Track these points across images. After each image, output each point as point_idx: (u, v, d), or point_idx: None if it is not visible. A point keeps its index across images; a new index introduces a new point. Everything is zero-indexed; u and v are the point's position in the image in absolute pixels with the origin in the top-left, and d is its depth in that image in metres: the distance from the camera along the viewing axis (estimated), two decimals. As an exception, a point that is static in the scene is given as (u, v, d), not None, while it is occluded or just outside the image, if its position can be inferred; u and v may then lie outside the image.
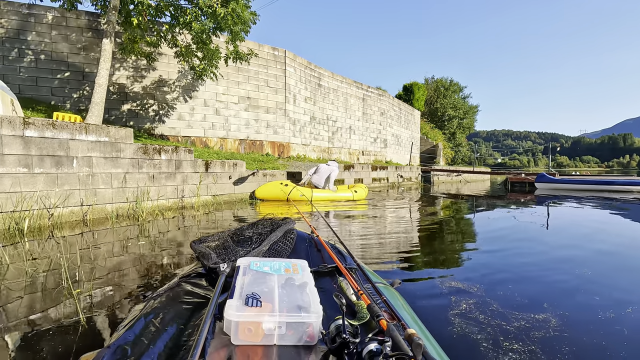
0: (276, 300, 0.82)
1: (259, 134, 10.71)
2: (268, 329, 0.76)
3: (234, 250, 1.30)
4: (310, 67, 12.47)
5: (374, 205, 6.78)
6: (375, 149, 16.35)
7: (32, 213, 3.93)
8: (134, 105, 8.85)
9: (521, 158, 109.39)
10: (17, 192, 3.90)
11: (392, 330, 0.72)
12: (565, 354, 1.36)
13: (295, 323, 0.77)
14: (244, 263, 1.03)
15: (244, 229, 1.55)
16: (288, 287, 0.90)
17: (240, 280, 0.91)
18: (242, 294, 0.83)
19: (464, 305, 1.81)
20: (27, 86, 7.93)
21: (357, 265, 1.26)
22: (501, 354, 1.35)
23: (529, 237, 3.89)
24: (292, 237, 1.46)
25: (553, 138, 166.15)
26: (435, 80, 30.65)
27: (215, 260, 1.20)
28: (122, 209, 4.88)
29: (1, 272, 2.36)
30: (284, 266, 1.03)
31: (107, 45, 5.88)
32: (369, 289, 1.05)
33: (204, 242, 1.41)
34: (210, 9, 6.05)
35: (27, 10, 7.91)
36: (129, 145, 5.01)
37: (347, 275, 1.10)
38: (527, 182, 13.21)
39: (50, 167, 4.18)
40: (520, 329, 1.54)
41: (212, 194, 6.29)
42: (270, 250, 1.36)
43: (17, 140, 3.92)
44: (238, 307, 0.78)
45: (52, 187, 4.20)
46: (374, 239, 3.62)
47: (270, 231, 1.46)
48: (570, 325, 1.60)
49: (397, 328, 0.76)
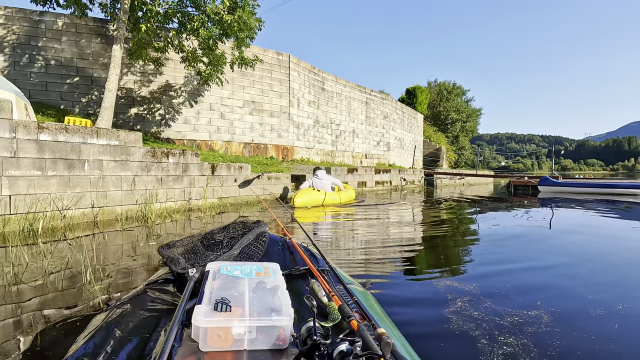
0: (246, 304, 0.80)
1: (263, 138, 10.84)
2: (238, 334, 0.74)
3: (203, 254, 1.27)
4: (314, 72, 12.61)
5: (366, 208, 6.87)
6: (378, 152, 16.44)
7: (45, 215, 4.07)
8: (141, 109, 9.01)
9: (525, 161, 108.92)
10: (32, 194, 4.04)
11: (363, 330, 0.72)
12: (557, 347, 1.45)
13: (266, 327, 0.76)
14: (214, 267, 1.01)
15: (215, 233, 1.51)
16: (259, 290, 0.88)
17: (210, 285, 0.89)
18: (211, 299, 0.81)
19: (460, 303, 1.90)
20: (37, 91, 8.11)
21: (329, 267, 1.27)
22: (496, 347, 1.44)
23: (529, 239, 3.96)
24: (264, 240, 1.43)
25: (557, 141, 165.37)
26: (438, 83, 30.74)
27: (184, 265, 1.16)
28: (131, 211, 5.01)
29: (22, 270, 2.48)
30: (255, 270, 1.01)
31: (117, 51, 6.04)
32: (341, 291, 1.06)
33: (173, 247, 1.37)
34: (217, 16, 6.20)
35: (38, 17, 8.11)
36: (138, 148, 5.14)
37: (319, 277, 1.09)
38: (530, 185, 13.24)
39: (62, 170, 4.32)
40: (514, 325, 1.64)
41: (218, 197, 6.42)
42: (242, 254, 1.32)
43: (32, 144, 4.06)
44: (207, 312, 0.76)
45: (64, 189, 4.33)
46: (378, 242, 3.72)
47: (242, 234, 1.43)
48: (561, 321, 1.69)
49: (368, 328, 0.77)
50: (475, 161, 28.21)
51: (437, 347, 1.44)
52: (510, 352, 1.40)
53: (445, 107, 29.32)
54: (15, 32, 7.96)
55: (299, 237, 3.33)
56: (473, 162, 30.21)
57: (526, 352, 1.40)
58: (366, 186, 11.46)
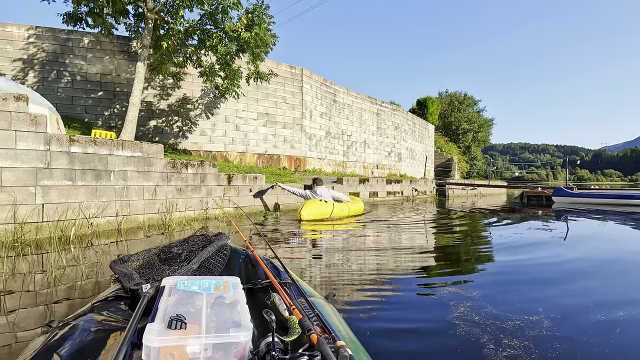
0: (203, 320, 0.78)
1: (276, 149, 11.08)
2: (193, 353, 0.71)
3: (160, 269, 1.21)
4: (325, 84, 12.88)
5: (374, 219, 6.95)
6: (389, 162, 16.53)
7: (75, 222, 4.30)
8: (159, 121, 9.36)
9: (539, 171, 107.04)
10: (63, 203, 4.28)
11: (322, 344, 0.71)
12: (557, 349, 1.54)
13: (224, 344, 0.73)
14: (170, 283, 0.96)
15: (173, 246, 1.45)
16: (217, 306, 0.85)
17: (165, 302, 0.85)
18: (165, 316, 0.77)
19: (462, 309, 2.00)
20: (64, 105, 8.52)
21: (292, 279, 1.26)
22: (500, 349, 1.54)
23: (542, 248, 4.01)
24: (225, 253, 1.37)
25: (572, 151, 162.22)
26: (449, 94, 30.79)
27: (137, 281, 1.10)
28: (152, 220, 5.22)
29: (62, 273, 2.67)
30: (214, 284, 0.97)
31: (141, 68, 6.37)
32: (303, 304, 1.04)
33: (127, 262, 1.30)
34: (235, 33, 6.49)
35: (66, 35, 8.58)
36: (160, 160, 5.39)
37: (280, 290, 1.07)
38: (543, 196, 13.11)
39: (90, 180, 4.57)
40: (516, 328, 1.73)
41: (234, 206, 6.61)
42: (201, 268, 1.27)
43: (64, 155, 4.32)
44: (159, 331, 0.72)
45: (92, 198, 4.58)
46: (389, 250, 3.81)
47: (202, 247, 1.37)
48: (562, 326, 1.77)
49: (328, 341, 0.76)
50: (487, 171, 27.98)
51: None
52: (513, 354, 1.50)
53: (456, 117, 29.31)
54: (45, 50, 8.43)
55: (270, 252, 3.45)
56: (485, 172, 29.96)
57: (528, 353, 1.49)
58: (377, 196, 11.54)
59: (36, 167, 4.09)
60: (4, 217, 3.84)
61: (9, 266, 2.92)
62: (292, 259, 3.34)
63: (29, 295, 2.23)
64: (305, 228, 5.48)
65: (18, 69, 8.29)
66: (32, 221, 4.03)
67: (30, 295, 2.23)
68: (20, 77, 8.27)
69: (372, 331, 1.73)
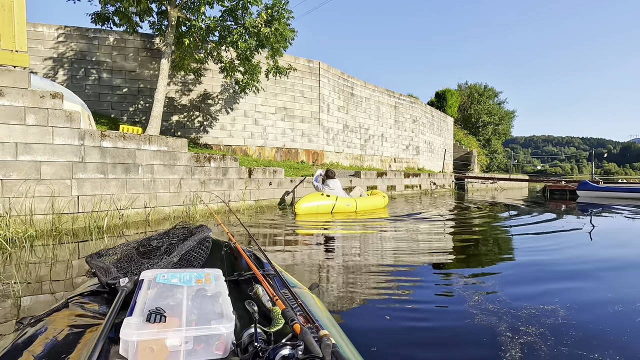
0: (184, 313, 0.76)
1: (294, 142, 11.20)
2: (173, 346, 0.70)
3: (138, 263, 1.18)
4: (343, 77, 12.87)
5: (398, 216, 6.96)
6: (407, 156, 16.41)
7: (107, 213, 4.54)
8: (181, 116, 9.62)
9: (563, 165, 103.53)
10: (96, 195, 4.53)
11: (305, 334, 0.70)
12: (572, 337, 1.59)
13: (205, 336, 0.72)
14: (149, 276, 0.94)
15: (152, 239, 1.42)
16: (199, 298, 0.84)
17: (144, 295, 0.83)
18: (144, 309, 0.75)
19: (477, 297, 2.05)
20: (91, 101, 8.86)
21: (275, 271, 1.26)
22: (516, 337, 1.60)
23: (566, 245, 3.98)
24: (207, 245, 1.35)
25: (599, 144, 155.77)
26: (469, 85, 30.10)
27: (115, 275, 1.07)
28: (177, 211, 5.44)
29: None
30: (195, 277, 0.96)
31: (165, 64, 6.57)
32: (286, 295, 1.05)
33: (103, 256, 1.27)
34: (255, 29, 6.60)
35: (93, 34, 8.90)
36: (184, 154, 5.58)
37: (263, 281, 1.07)
38: (567, 190, 12.76)
39: (121, 174, 4.80)
40: (532, 317, 1.78)
41: (255, 199, 6.78)
42: (182, 260, 1.25)
43: (96, 150, 4.56)
44: (138, 324, 0.70)
45: (122, 190, 4.81)
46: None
47: (183, 240, 1.35)
48: (578, 315, 1.81)
49: (311, 331, 0.76)
50: (508, 165, 27.34)
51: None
52: (530, 341, 1.55)
53: (476, 109, 28.65)
54: (73, 49, 8.78)
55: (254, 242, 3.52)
56: (506, 166, 29.27)
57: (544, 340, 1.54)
58: (395, 190, 11.52)
59: (71, 161, 4.34)
60: (43, 207, 4.10)
61: (51, 253, 3.15)
62: (279, 252, 3.45)
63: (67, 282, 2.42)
64: (300, 223, 5.36)
65: (49, 67, 8.67)
66: (69, 212, 4.29)
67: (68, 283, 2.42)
68: (50, 75, 8.65)
69: (392, 317, 1.82)
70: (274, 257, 3.21)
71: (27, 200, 3.98)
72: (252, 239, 1.95)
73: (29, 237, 3.69)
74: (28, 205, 3.97)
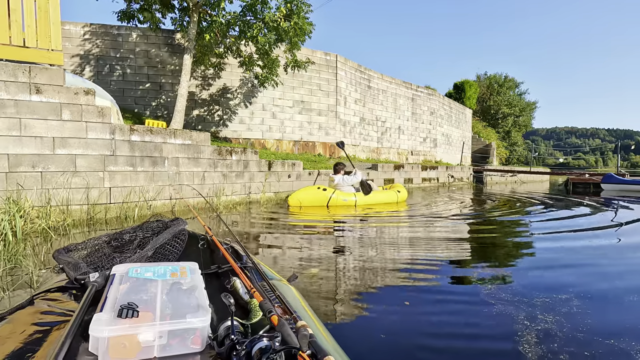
0: (158, 307, 0.74)
1: (311, 136, 11.30)
2: (146, 341, 0.68)
3: (109, 257, 1.14)
4: (360, 70, 12.83)
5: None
6: (424, 148, 16.27)
7: (137, 204, 4.77)
8: (201, 110, 9.84)
9: (587, 158, 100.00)
10: (127, 187, 4.76)
11: (283, 325, 0.70)
12: (587, 324, 1.64)
13: (180, 330, 0.71)
14: (121, 270, 0.92)
15: (124, 233, 1.37)
16: (174, 292, 0.82)
17: (115, 290, 0.81)
18: (115, 305, 0.73)
19: (491, 287, 2.11)
20: (116, 97, 9.10)
21: (253, 263, 1.24)
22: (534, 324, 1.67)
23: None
24: (182, 238, 1.32)
25: (627, 135, 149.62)
26: (488, 76, 29.41)
27: (84, 270, 1.03)
28: (201, 203, 5.64)
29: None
30: (170, 270, 0.94)
31: (187, 60, 6.75)
32: (264, 287, 1.03)
33: (72, 252, 1.22)
34: (274, 23, 6.68)
35: (117, 31, 9.18)
36: (207, 147, 5.76)
37: (240, 274, 1.06)
38: (591, 183, 12.42)
39: (148, 166, 5.01)
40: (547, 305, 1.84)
41: (274, 191, 6.93)
42: (157, 254, 1.21)
43: (125, 144, 4.77)
44: (108, 320, 0.68)
45: (149, 182, 5.03)
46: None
47: (158, 233, 1.31)
48: (593, 303, 1.86)
49: (289, 322, 0.75)
50: (529, 158, 26.70)
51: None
52: (546, 327, 1.62)
53: (495, 101, 28.00)
54: (98, 46, 9.08)
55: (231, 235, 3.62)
56: (526, 158, 28.58)
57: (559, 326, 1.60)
58: (413, 183, 11.50)
59: (103, 154, 4.57)
60: (79, 198, 4.35)
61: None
62: (262, 245, 3.56)
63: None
64: (292, 216, 5.33)
65: (76, 64, 9.01)
66: (102, 202, 4.53)
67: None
68: (78, 72, 8.98)
69: (411, 303, 1.91)
70: (260, 249, 3.33)
71: (65, 191, 4.22)
72: (230, 230, 1.99)
73: (68, 226, 3.93)
74: (65, 196, 4.21)
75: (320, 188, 6.20)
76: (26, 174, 4.02)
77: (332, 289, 2.17)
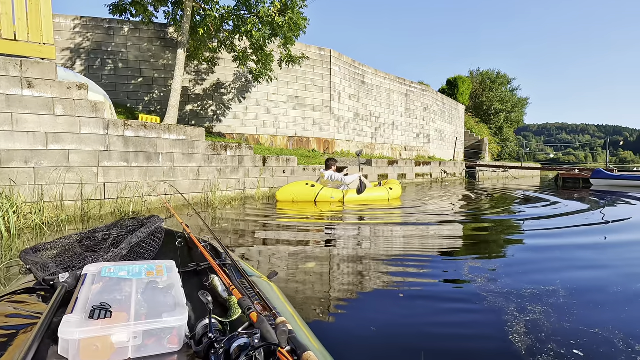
0: (132, 307, 0.72)
1: (305, 131, 11.30)
2: (120, 342, 0.66)
3: (81, 257, 1.08)
4: (354, 65, 12.83)
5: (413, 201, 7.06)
6: (418, 144, 16.38)
7: (131, 200, 4.76)
8: (195, 106, 9.78)
9: (577, 153, 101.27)
10: (121, 182, 4.74)
11: (262, 322, 0.70)
12: (574, 315, 1.71)
13: (156, 330, 0.69)
14: (93, 270, 0.89)
15: (97, 231, 1.31)
16: (149, 291, 0.80)
17: (87, 291, 0.78)
18: (87, 306, 0.70)
19: (481, 280, 2.18)
20: (108, 91, 8.99)
21: (232, 260, 1.22)
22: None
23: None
24: (159, 236, 1.27)
25: (615, 131, 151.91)
26: (481, 72, 29.60)
27: (53, 270, 0.98)
28: (196, 199, 5.64)
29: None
30: (145, 269, 0.91)
31: (181, 54, 6.70)
32: (243, 284, 1.01)
33: (40, 251, 1.16)
34: (269, 18, 6.65)
35: (108, 24, 9.04)
36: (202, 142, 5.75)
37: (219, 272, 1.04)
38: (581, 179, 12.65)
39: (142, 162, 4.99)
40: (535, 297, 1.91)
41: (269, 187, 6.95)
42: (132, 253, 1.17)
43: (120, 139, 4.75)
44: (79, 322, 0.65)
45: (144, 178, 5.02)
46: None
47: (133, 231, 1.27)
48: (579, 295, 1.94)
49: (268, 319, 0.74)
50: (520, 153, 27.02)
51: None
52: (535, 318, 1.68)
53: (488, 97, 28.23)
54: (89, 39, 8.95)
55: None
56: (518, 154, 28.92)
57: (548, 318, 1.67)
58: (406, 178, 11.59)
59: (97, 150, 4.54)
60: (73, 194, 4.33)
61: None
62: (243, 243, 3.60)
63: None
64: (281, 212, 5.34)
65: (66, 58, 8.87)
66: (96, 198, 4.51)
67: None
68: (68, 66, 8.84)
69: (405, 295, 1.96)
70: (243, 247, 3.37)
71: (58, 187, 4.20)
72: (208, 227, 1.97)
73: (62, 221, 3.92)
74: (59, 192, 4.19)
75: (309, 184, 6.17)
76: (19, 169, 3.99)
77: (323, 284, 2.21)
